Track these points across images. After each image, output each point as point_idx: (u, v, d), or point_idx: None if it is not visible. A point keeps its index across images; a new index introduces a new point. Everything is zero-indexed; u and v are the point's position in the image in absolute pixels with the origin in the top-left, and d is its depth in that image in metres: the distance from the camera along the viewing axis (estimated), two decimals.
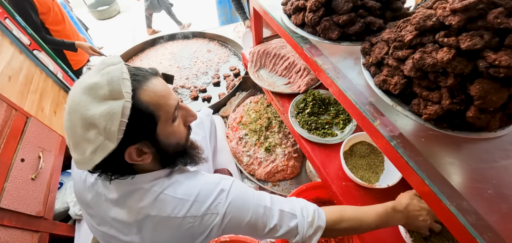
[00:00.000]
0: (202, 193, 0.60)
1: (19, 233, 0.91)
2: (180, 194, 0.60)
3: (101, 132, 0.48)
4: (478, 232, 0.41)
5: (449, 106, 0.49)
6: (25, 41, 1.48)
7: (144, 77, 0.54)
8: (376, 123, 0.57)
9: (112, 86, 0.48)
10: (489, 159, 0.51)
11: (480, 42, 0.45)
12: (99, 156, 0.49)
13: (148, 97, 0.53)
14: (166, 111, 0.56)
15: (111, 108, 0.47)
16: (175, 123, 0.60)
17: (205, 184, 0.62)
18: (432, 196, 0.47)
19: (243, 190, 0.64)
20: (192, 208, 0.59)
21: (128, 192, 0.59)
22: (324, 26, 0.72)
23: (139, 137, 0.53)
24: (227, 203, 0.60)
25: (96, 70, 0.51)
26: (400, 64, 0.56)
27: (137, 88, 0.52)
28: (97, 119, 0.47)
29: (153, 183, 0.60)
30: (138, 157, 0.55)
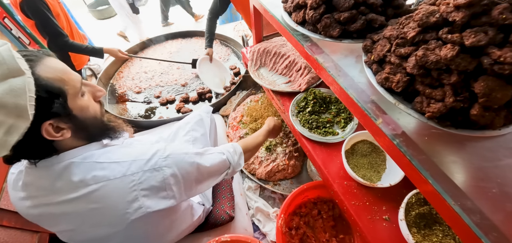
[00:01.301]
0: (139, 155, 0.63)
1: (19, 233, 0.90)
2: (115, 159, 0.61)
3: (11, 110, 0.46)
4: (483, 232, 0.41)
5: (452, 104, 0.48)
6: (25, 40, 1.47)
7: (37, 56, 0.54)
8: (379, 122, 0.56)
9: (7, 65, 0.46)
10: (493, 158, 0.50)
11: (484, 38, 0.44)
12: (14, 136, 0.48)
13: (49, 73, 0.53)
14: (73, 86, 0.57)
15: (14, 85, 0.46)
16: (84, 97, 0.61)
17: (139, 149, 0.65)
18: (435, 195, 0.46)
19: (177, 146, 0.69)
20: (131, 167, 0.60)
21: (59, 173, 0.59)
22: (325, 23, 0.71)
23: (52, 112, 0.53)
24: (167, 155, 0.64)
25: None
26: (403, 61, 0.55)
27: (34, 66, 0.52)
28: (2, 99, 0.45)
29: (84, 156, 0.61)
30: (56, 133, 0.55)
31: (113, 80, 2.23)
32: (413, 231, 0.72)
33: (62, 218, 0.62)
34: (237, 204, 1.23)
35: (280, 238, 1.04)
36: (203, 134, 1.15)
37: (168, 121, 1.70)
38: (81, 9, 4.48)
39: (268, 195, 1.38)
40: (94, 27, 4.14)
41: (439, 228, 0.73)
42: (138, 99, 2.02)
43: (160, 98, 1.97)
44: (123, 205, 0.60)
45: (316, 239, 1.10)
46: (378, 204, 0.85)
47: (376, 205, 0.85)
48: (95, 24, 4.30)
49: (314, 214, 1.15)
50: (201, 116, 1.19)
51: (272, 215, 1.26)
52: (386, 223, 0.80)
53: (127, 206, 0.60)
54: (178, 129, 1.15)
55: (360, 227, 0.81)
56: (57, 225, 0.64)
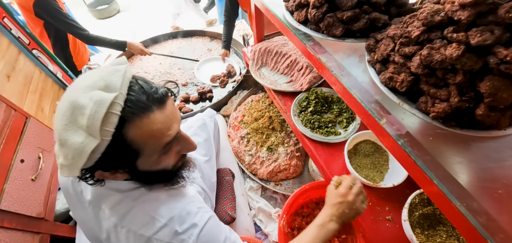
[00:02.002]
0: (176, 219, 0.57)
1: (20, 234, 0.90)
2: (154, 211, 0.57)
3: (69, 158, 0.45)
4: (489, 233, 0.40)
5: (458, 104, 0.48)
6: (24, 40, 1.47)
7: (142, 109, 0.48)
8: (383, 122, 0.55)
9: (91, 123, 0.43)
10: (499, 158, 0.50)
11: (490, 37, 0.43)
12: (66, 173, 0.47)
13: (136, 135, 0.48)
14: (153, 149, 0.52)
15: (83, 145, 0.44)
16: (163, 156, 0.56)
17: (182, 210, 0.59)
18: (441, 196, 0.46)
19: (215, 232, 0.61)
20: (160, 231, 0.56)
21: (102, 195, 0.58)
22: (328, 22, 0.70)
23: (114, 167, 0.51)
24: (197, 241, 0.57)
25: (92, 83, 0.46)
26: (407, 60, 0.54)
27: (127, 121, 0.47)
28: (67, 147, 0.45)
29: (130, 194, 0.58)
30: (110, 175, 0.53)
31: None
32: (417, 232, 0.71)
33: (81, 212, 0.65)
34: (239, 204, 1.23)
35: (282, 239, 1.03)
36: (206, 139, 1.12)
37: None
38: (81, 9, 4.47)
39: (269, 195, 1.38)
40: (94, 27, 4.13)
41: (443, 228, 0.72)
42: None
43: None
44: None
45: None
46: (381, 205, 0.84)
47: (379, 205, 0.84)
48: (95, 23, 4.29)
49: (317, 215, 1.14)
50: (204, 121, 1.16)
51: (274, 216, 1.25)
52: (389, 223, 0.80)
53: None
54: None
55: (363, 227, 0.80)
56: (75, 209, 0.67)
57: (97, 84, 0.46)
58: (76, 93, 0.46)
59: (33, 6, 1.65)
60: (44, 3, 1.65)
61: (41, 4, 1.65)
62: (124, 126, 0.47)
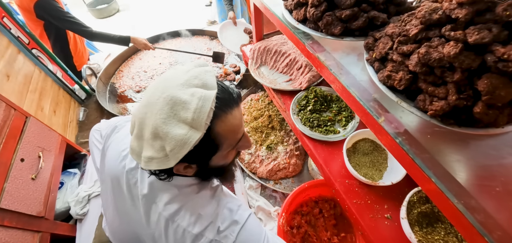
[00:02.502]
0: (219, 217, 0.60)
1: (20, 233, 0.90)
2: (201, 209, 0.60)
3: (166, 150, 0.47)
4: (487, 231, 0.40)
5: (456, 102, 0.48)
6: (24, 40, 1.47)
7: (228, 106, 0.52)
8: (381, 120, 0.55)
9: (198, 116, 0.46)
10: (497, 156, 0.50)
11: (488, 35, 0.44)
12: (154, 166, 0.49)
13: (221, 129, 0.52)
14: (229, 144, 0.57)
15: (187, 137, 0.46)
16: (232, 151, 0.60)
17: (224, 208, 0.62)
18: (438, 194, 0.46)
19: (255, 230, 0.62)
20: (206, 230, 0.58)
21: (159, 189, 0.61)
22: (327, 21, 0.70)
23: (196, 160, 0.54)
24: (237, 236, 0.59)
25: (186, 81, 0.49)
26: (405, 59, 0.55)
27: (217, 117, 0.50)
28: (168, 139, 0.46)
29: (185, 190, 0.61)
30: (183, 170, 0.56)
31: (113, 79, 2.22)
32: (416, 230, 0.71)
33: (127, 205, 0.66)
34: None
35: (282, 237, 1.04)
36: None
37: None
38: (80, 8, 4.47)
39: (269, 194, 1.38)
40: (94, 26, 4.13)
41: (442, 226, 0.73)
42: (138, 98, 2.01)
43: None
44: None
45: (317, 238, 1.10)
46: (379, 203, 0.84)
47: (378, 203, 0.84)
48: (94, 23, 4.29)
49: (316, 213, 1.15)
50: None
51: (273, 214, 1.26)
52: (388, 221, 0.80)
53: None
54: None
55: (362, 225, 0.81)
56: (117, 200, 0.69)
57: (194, 82, 0.49)
58: (172, 90, 0.48)
59: (34, 7, 1.66)
60: (45, 4, 1.67)
61: (42, 5, 1.67)
62: (214, 120, 0.50)
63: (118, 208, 0.71)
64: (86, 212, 1.27)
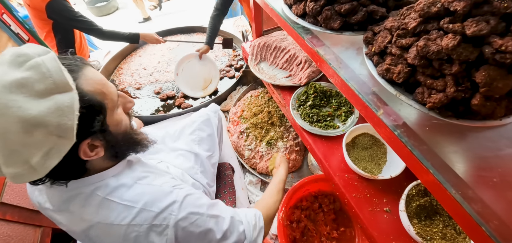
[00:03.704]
0: (151, 202, 0.57)
1: (22, 227, 0.91)
2: (126, 200, 0.57)
3: (52, 131, 0.42)
4: (484, 220, 0.41)
5: (454, 94, 0.48)
6: (24, 36, 1.47)
7: (78, 66, 0.49)
8: (380, 113, 0.56)
9: (54, 79, 0.42)
10: (495, 147, 0.51)
11: (486, 27, 0.44)
12: (55, 159, 0.44)
13: (91, 86, 0.49)
14: (111, 99, 0.54)
15: (60, 103, 0.42)
16: (118, 111, 0.58)
17: (155, 192, 0.59)
18: (437, 185, 0.46)
19: (196, 203, 0.62)
20: (138, 217, 0.55)
21: (69, 198, 0.56)
22: (326, 15, 0.70)
23: (91, 130, 0.50)
24: (180, 215, 0.58)
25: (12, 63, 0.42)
26: (404, 52, 0.55)
27: (76, 78, 0.47)
28: (44, 118, 0.41)
29: (96, 186, 0.56)
30: (91, 152, 0.52)
31: (113, 76, 2.22)
32: (414, 222, 0.72)
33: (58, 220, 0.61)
34: (239, 198, 1.24)
35: (282, 231, 1.04)
36: (210, 134, 1.12)
37: (169, 116, 1.70)
38: (79, 6, 4.45)
39: None
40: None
41: (440, 219, 0.73)
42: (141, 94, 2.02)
43: (160, 94, 1.97)
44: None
45: (317, 232, 1.11)
46: (379, 196, 0.85)
47: (377, 197, 0.85)
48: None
49: (315, 208, 1.16)
50: (208, 116, 1.16)
51: None
52: (387, 215, 0.81)
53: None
54: (184, 127, 1.13)
55: (361, 219, 0.81)
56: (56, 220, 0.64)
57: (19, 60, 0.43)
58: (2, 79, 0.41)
59: (46, 7, 1.69)
60: (57, 5, 1.69)
61: (54, 6, 1.69)
62: (76, 81, 0.47)
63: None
64: None
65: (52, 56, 0.45)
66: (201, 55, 1.79)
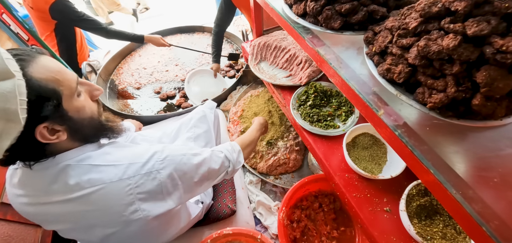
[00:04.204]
0: (135, 156, 0.62)
1: (23, 227, 0.91)
2: (111, 161, 0.60)
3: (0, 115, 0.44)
4: (484, 220, 0.41)
5: (454, 94, 0.48)
6: (23, 36, 1.47)
7: (29, 56, 0.52)
8: (380, 113, 0.56)
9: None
10: (495, 148, 0.51)
11: (487, 27, 0.44)
12: (5, 141, 0.46)
13: (42, 74, 0.51)
14: (68, 86, 0.55)
15: (2, 89, 0.43)
16: (81, 98, 0.59)
17: (136, 151, 0.64)
18: (437, 185, 0.46)
19: (176, 149, 0.68)
20: (128, 170, 0.59)
21: (54, 175, 0.58)
22: (326, 15, 0.70)
23: (46, 115, 0.52)
24: (164, 157, 0.63)
25: None
26: (404, 52, 0.55)
27: (26, 66, 0.49)
28: None
29: (81, 158, 0.60)
30: (51, 135, 0.54)
31: (113, 76, 2.22)
32: (414, 222, 0.72)
33: (59, 217, 0.62)
34: (239, 198, 1.24)
35: (282, 231, 1.05)
36: (206, 130, 1.13)
37: (168, 116, 1.70)
38: (79, 5, 4.45)
39: (269, 189, 1.39)
40: None
41: (440, 218, 0.73)
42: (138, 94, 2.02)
43: (160, 94, 1.97)
44: (119, 208, 0.59)
45: (317, 232, 1.11)
46: (379, 196, 0.85)
47: (377, 197, 0.85)
48: None
49: (315, 207, 1.16)
50: (205, 112, 1.16)
51: (273, 209, 1.27)
52: (387, 214, 0.81)
53: (124, 209, 0.60)
54: (181, 125, 1.14)
55: (361, 219, 0.81)
56: (53, 224, 0.64)
57: None
58: None
59: (50, 9, 1.69)
60: (61, 6, 1.70)
61: (59, 8, 1.70)
62: (25, 69, 0.49)
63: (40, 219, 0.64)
64: None
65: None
66: (215, 73, 1.92)
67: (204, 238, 1.01)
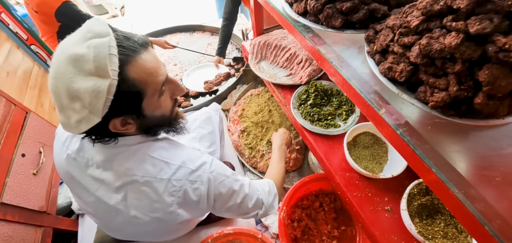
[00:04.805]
0: (187, 160, 0.63)
1: (23, 228, 0.91)
2: (166, 158, 0.62)
3: (86, 105, 0.48)
4: (486, 220, 0.41)
5: (456, 93, 0.48)
6: (22, 36, 1.46)
7: (133, 51, 0.52)
8: (382, 112, 0.56)
9: (98, 63, 0.46)
10: (497, 147, 0.50)
11: (489, 25, 0.43)
12: (84, 126, 0.50)
13: (135, 74, 0.52)
14: (153, 88, 0.56)
15: (97, 86, 0.47)
16: (161, 97, 0.60)
17: (189, 154, 0.65)
18: (439, 184, 0.46)
19: (222, 166, 0.69)
20: (177, 172, 0.61)
21: (114, 154, 0.60)
22: (327, 14, 0.70)
23: (124, 111, 0.54)
24: (211, 174, 0.64)
25: (81, 37, 0.49)
26: (406, 51, 0.54)
27: (125, 63, 0.50)
28: (82, 94, 0.47)
29: (140, 146, 0.62)
30: (122, 127, 0.56)
31: None
32: (416, 221, 0.72)
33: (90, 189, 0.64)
34: None
35: (282, 230, 1.04)
36: (211, 132, 1.13)
37: None
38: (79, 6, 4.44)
39: None
40: None
41: (441, 217, 0.73)
42: None
43: None
44: (158, 205, 0.61)
45: (318, 231, 1.11)
46: (380, 195, 0.85)
47: (378, 196, 0.85)
48: None
49: (316, 207, 1.15)
50: (210, 114, 1.17)
51: None
52: (388, 214, 0.81)
53: (162, 207, 0.61)
54: None
55: (362, 218, 0.81)
56: (86, 195, 0.65)
57: (87, 36, 0.48)
58: (69, 49, 0.48)
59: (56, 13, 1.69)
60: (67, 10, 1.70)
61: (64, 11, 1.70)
62: (124, 67, 0.50)
63: (85, 201, 0.68)
64: None
65: (107, 40, 0.48)
66: (217, 64, 1.95)
67: (205, 237, 1.01)
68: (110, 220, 0.67)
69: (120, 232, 0.75)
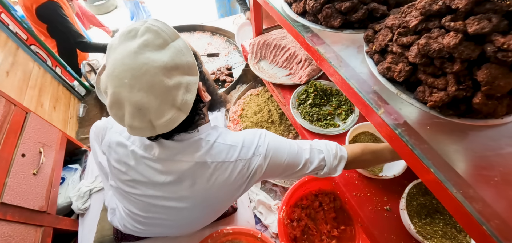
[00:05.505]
0: (247, 140, 0.69)
1: (23, 228, 0.91)
2: (229, 141, 0.67)
3: (184, 69, 0.54)
4: (485, 219, 0.41)
5: (455, 92, 0.48)
6: (22, 36, 1.46)
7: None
8: (380, 112, 0.56)
9: (165, 32, 0.53)
10: (496, 146, 0.50)
11: (488, 25, 0.43)
12: (191, 93, 0.55)
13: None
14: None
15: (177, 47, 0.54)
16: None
17: (247, 134, 0.71)
18: (438, 183, 0.46)
19: (276, 136, 0.74)
20: (241, 152, 0.67)
21: (185, 146, 0.65)
22: (326, 13, 0.70)
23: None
24: (266, 144, 0.69)
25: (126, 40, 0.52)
26: (405, 50, 0.54)
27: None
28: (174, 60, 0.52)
29: (206, 134, 0.67)
30: (203, 92, 0.62)
31: None
32: (415, 221, 0.72)
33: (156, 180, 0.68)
34: (239, 197, 1.24)
35: (282, 230, 1.05)
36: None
37: None
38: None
39: (269, 188, 1.39)
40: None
41: (440, 217, 0.73)
42: None
43: None
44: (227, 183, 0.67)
45: (317, 231, 1.11)
46: (379, 195, 0.85)
47: (378, 196, 0.85)
48: None
49: (316, 206, 1.16)
50: (215, 115, 1.17)
51: (273, 208, 1.27)
52: (387, 213, 0.81)
53: (231, 185, 0.68)
54: None
55: (362, 217, 0.81)
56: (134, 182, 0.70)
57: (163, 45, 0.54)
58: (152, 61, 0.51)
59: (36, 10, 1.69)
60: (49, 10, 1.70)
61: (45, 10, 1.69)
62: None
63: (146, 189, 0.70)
64: (88, 207, 1.27)
65: (182, 42, 0.56)
66: None
67: (204, 237, 1.01)
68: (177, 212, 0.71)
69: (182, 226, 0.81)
